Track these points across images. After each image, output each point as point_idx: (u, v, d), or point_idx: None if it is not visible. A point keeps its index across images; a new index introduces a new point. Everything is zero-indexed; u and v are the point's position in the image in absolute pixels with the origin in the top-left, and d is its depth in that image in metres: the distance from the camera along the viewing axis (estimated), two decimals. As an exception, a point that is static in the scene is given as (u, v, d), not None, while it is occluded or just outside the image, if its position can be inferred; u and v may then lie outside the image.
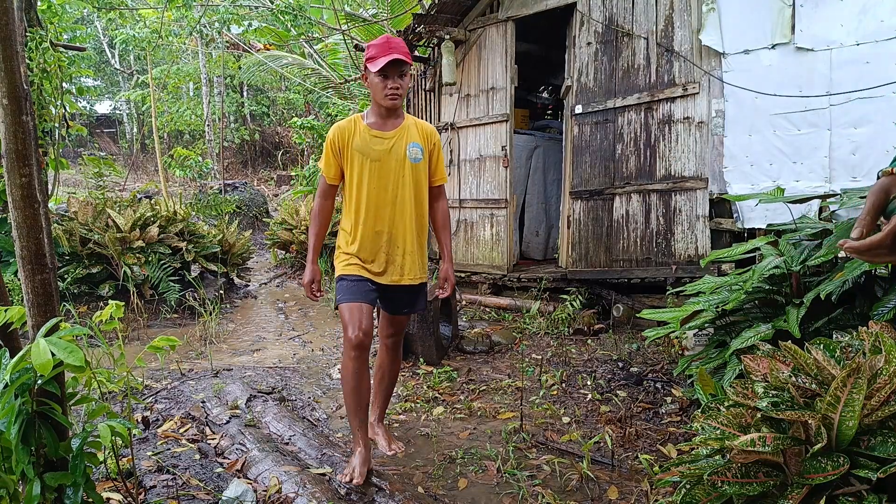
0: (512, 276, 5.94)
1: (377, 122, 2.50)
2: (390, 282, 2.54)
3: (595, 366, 4.07)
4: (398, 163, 2.48)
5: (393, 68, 2.36)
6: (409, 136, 2.51)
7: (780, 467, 1.40)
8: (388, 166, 2.47)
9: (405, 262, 2.54)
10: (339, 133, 2.50)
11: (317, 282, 2.63)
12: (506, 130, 5.91)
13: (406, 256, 2.54)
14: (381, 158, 2.46)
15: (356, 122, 2.51)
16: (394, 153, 2.48)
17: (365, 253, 2.51)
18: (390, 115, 2.50)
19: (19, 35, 4.08)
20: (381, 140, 2.48)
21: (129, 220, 5.83)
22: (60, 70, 5.02)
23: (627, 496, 2.36)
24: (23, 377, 1.54)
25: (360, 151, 2.46)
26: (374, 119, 2.51)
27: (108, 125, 22.34)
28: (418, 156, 2.52)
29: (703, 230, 4.68)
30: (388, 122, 2.50)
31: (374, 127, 2.49)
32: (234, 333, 5.36)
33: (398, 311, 2.68)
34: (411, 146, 2.50)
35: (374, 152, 2.46)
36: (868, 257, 0.95)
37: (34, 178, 1.63)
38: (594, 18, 5.22)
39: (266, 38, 12.86)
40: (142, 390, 3.55)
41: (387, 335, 2.76)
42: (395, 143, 2.48)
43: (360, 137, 2.48)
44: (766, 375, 1.59)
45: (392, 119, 2.51)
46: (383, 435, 2.78)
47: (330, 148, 2.52)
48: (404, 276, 2.55)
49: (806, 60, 4.16)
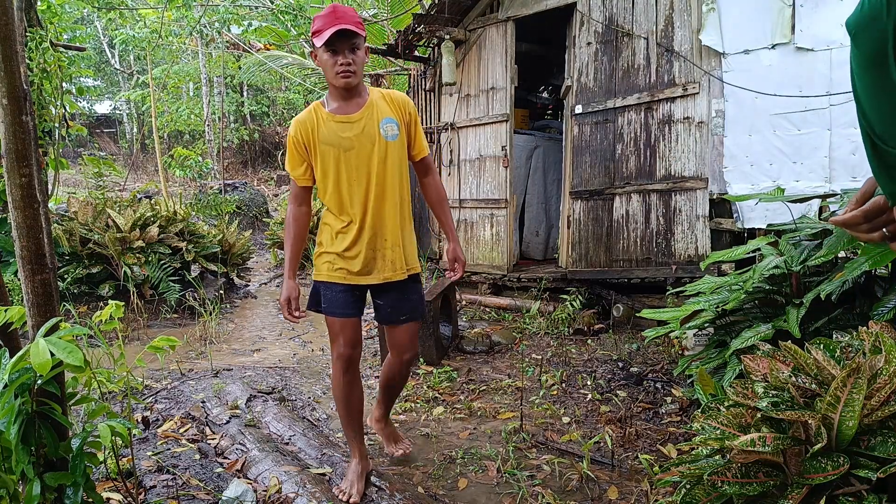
0: (512, 276, 5.94)
1: (339, 105, 2.20)
2: (381, 280, 2.28)
3: (595, 366, 4.07)
4: (373, 145, 2.19)
5: (342, 41, 2.06)
6: (378, 112, 2.21)
7: (780, 467, 1.40)
8: (362, 152, 2.18)
9: (394, 256, 2.27)
10: (301, 127, 2.21)
11: (294, 300, 2.32)
12: (506, 130, 5.91)
13: (394, 249, 2.27)
14: (354, 146, 2.18)
15: (317, 112, 2.22)
16: (366, 135, 2.18)
17: (349, 252, 2.25)
18: (352, 95, 2.20)
19: (19, 35, 4.08)
20: (348, 125, 2.18)
21: (129, 220, 5.83)
22: (60, 70, 5.02)
23: (627, 496, 2.36)
24: (22, 377, 1.54)
25: (329, 143, 2.18)
26: (335, 104, 2.22)
27: (108, 125, 22.35)
28: (394, 132, 2.22)
29: (703, 230, 4.68)
30: (350, 103, 2.20)
31: (337, 112, 2.20)
32: (234, 333, 5.36)
33: (396, 320, 2.36)
34: (384, 123, 2.20)
35: (345, 140, 2.18)
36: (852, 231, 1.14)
37: (34, 178, 1.63)
38: (594, 18, 5.22)
39: (266, 38, 12.86)
40: (142, 390, 3.55)
41: (401, 350, 2.43)
42: (365, 124, 2.19)
43: (326, 128, 2.19)
44: (766, 375, 1.59)
45: (355, 98, 2.20)
46: (389, 435, 2.67)
47: (294, 146, 2.24)
48: (396, 272, 2.29)
49: (806, 60, 4.16)
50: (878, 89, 0.93)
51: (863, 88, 0.96)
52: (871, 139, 0.97)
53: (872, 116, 0.95)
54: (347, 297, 2.28)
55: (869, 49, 0.92)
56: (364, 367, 4.16)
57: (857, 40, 0.94)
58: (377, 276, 2.28)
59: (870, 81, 0.94)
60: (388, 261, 2.27)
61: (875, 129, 0.96)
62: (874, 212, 1.09)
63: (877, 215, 1.09)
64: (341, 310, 2.28)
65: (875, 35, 0.89)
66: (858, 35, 0.93)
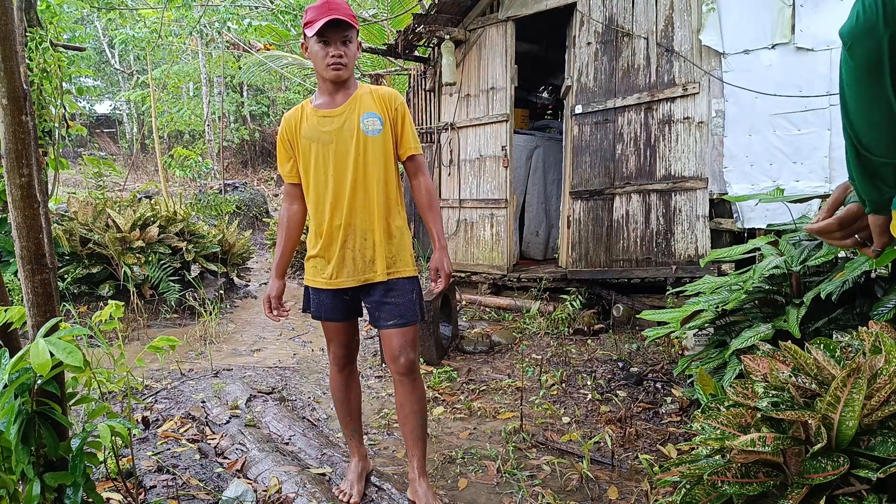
0: (512, 276, 5.94)
1: (325, 100, 2.15)
2: (361, 282, 2.16)
3: (595, 366, 4.07)
4: (352, 140, 2.10)
5: (334, 32, 2.01)
6: (361, 106, 2.13)
7: (780, 467, 1.40)
8: (341, 147, 2.11)
9: (376, 256, 2.14)
10: (287, 124, 2.18)
11: (275, 298, 2.25)
12: (506, 130, 5.91)
13: (377, 248, 2.14)
14: (333, 140, 2.11)
15: (304, 108, 2.19)
16: (346, 130, 2.11)
17: (328, 254, 2.16)
18: (339, 90, 2.13)
19: (19, 35, 4.08)
20: (329, 120, 2.12)
21: (129, 220, 5.83)
22: (60, 70, 5.02)
23: (627, 496, 2.36)
24: (22, 377, 1.54)
25: (309, 138, 2.13)
26: (322, 99, 2.17)
27: (108, 125, 22.36)
28: (376, 127, 2.12)
29: (703, 230, 4.68)
30: (336, 97, 2.14)
31: (322, 107, 2.15)
32: (234, 333, 5.36)
33: (382, 324, 2.19)
34: (365, 117, 2.12)
35: (324, 135, 2.12)
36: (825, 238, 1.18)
37: (34, 178, 1.63)
38: (594, 18, 5.22)
39: (266, 38, 12.87)
40: (142, 390, 3.55)
41: (391, 359, 2.19)
42: (345, 118, 2.12)
43: (308, 123, 2.15)
44: (766, 375, 1.59)
45: (342, 93, 2.14)
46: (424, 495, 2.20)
47: (281, 143, 2.22)
48: (377, 273, 2.14)
49: (806, 60, 4.16)
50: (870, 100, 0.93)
51: (853, 98, 0.96)
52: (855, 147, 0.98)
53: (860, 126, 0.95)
54: (336, 301, 2.21)
55: (864, 60, 0.91)
56: (364, 368, 4.16)
57: (851, 51, 0.93)
58: (356, 278, 2.15)
59: (862, 92, 0.94)
60: (367, 260, 2.15)
61: (861, 139, 0.96)
62: (848, 219, 1.12)
63: (851, 222, 1.12)
64: (330, 314, 2.23)
65: (871, 46, 0.89)
66: (853, 46, 0.92)
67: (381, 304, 2.18)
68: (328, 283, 2.17)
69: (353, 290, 2.20)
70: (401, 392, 2.21)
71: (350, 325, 2.30)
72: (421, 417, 2.23)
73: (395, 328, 2.16)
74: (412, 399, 2.20)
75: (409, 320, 2.17)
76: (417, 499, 2.20)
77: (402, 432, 2.29)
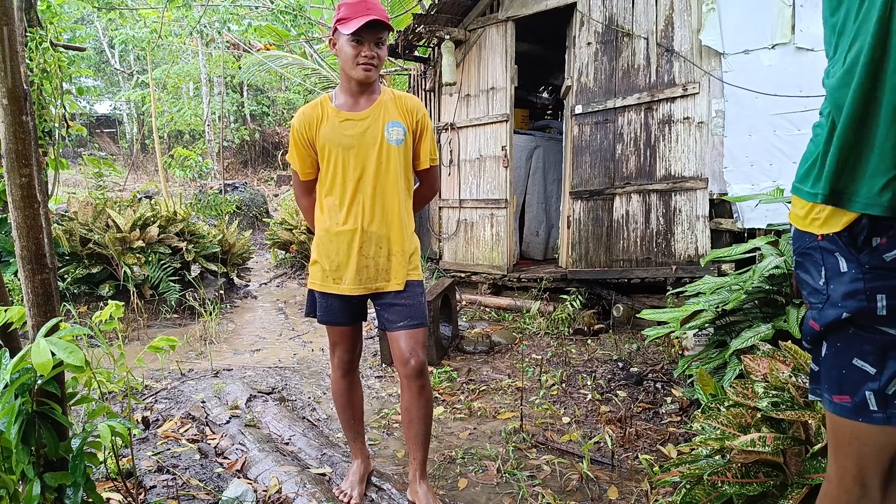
0: (512, 276, 5.94)
1: (347, 101, 2.11)
2: (374, 290, 2.14)
3: (595, 366, 4.07)
4: (374, 147, 2.07)
5: (369, 32, 1.97)
6: (386, 114, 2.10)
7: (780, 467, 1.40)
8: (362, 153, 2.07)
9: (390, 265, 2.12)
10: (306, 121, 2.11)
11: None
12: (506, 130, 5.91)
13: (392, 258, 2.12)
14: (355, 145, 2.07)
15: (323, 106, 2.12)
16: (369, 136, 2.07)
17: (341, 259, 2.12)
18: (363, 91, 2.10)
19: (19, 35, 4.08)
20: (352, 123, 2.08)
21: (129, 221, 5.84)
22: (60, 70, 5.02)
23: (627, 496, 2.36)
24: (23, 377, 1.54)
25: (330, 140, 2.09)
26: (343, 98, 2.12)
27: (108, 125, 22.35)
28: (399, 136, 2.10)
29: (703, 230, 4.68)
30: (360, 99, 2.10)
31: (344, 108, 2.10)
32: (234, 333, 5.36)
33: (392, 326, 2.16)
34: (390, 126, 2.09)
35: (346, 139, 2.07)
36: None
37: (34, 178, 1.63)
38: (594, 18, 5.22)
39: (266, 38, 12.87)
40: (142, 390, 3.55)
41: (401, 362, 2.12)
42: (369, 124, 2.08)
43: (329, 124, 2.09)
44: (766, 375, 1.59)
45: (366, 95, 2.11)
46: (424, 496, 2.19)
47: (297, 139, 2.14)
48: (391, 282, 2.13)
49: (806, 60, 4.16)
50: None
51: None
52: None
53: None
54: (343, 306, 2.18)
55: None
56: (364, 368, 4.16)
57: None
58: (367, 286, 2.13)
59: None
60: (381, 269, 2.12)
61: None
62: None
63: None
64: (336, 319, 2.20)
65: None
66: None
67: (391, 306, 2.15)
68: (339, 289, 2.14)
69: (361, 295, 2.18)
70: (408, 396, 2.16)
71: (356, 330, 2.28)
72: (426, 423, 2.19)
73: (406, 329, 2.13)
74: (419, 404, 2.16)
75: (420, 322, 2.15)
76: (417, 499, 2.19)
77: (405, 434, 2.25)
